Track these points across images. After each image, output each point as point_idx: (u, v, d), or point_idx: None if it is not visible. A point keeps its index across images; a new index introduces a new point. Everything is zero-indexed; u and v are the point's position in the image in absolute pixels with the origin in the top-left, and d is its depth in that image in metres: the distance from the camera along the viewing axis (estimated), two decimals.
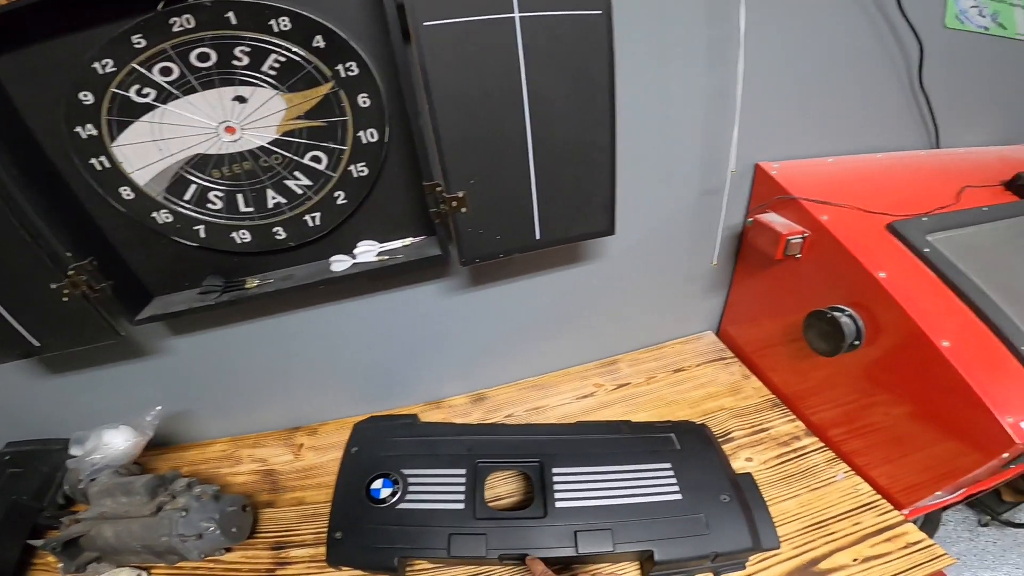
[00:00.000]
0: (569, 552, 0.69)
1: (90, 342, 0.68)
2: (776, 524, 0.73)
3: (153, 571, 0.82)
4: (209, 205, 0.68)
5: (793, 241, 0.89)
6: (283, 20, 0.59)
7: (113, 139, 0.62)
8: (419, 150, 0.67)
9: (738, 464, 0.85)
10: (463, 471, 0.79)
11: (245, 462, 1.03)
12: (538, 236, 0.77)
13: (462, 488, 0.77)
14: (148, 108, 0.61)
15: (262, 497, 0.95)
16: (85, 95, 0.59)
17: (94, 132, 0.61)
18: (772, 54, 0.84)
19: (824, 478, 0.83)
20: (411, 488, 0.78)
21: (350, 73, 0.64)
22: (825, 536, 0.75)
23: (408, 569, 0.78)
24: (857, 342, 0.82)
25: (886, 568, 0.70)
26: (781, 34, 0.84)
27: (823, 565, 0.71)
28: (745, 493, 0.75)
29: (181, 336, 0.88)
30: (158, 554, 0.81)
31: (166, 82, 0.60)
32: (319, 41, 0.62)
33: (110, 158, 0.63)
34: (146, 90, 0.60)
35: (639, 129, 0.82)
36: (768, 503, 0.74)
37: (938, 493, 0.80)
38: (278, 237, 0.73)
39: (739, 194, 0.96)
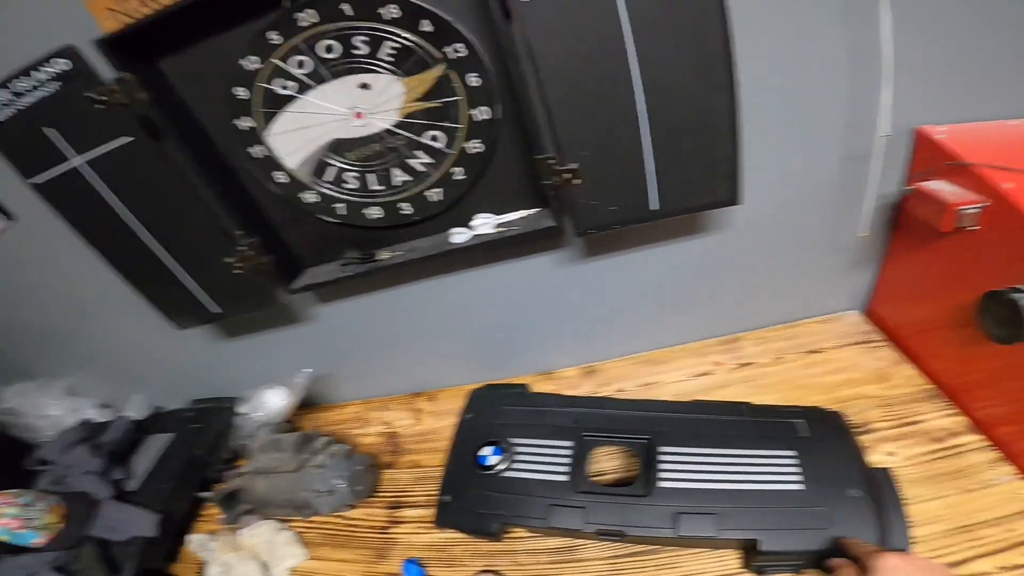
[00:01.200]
0: (668, 534, 0.68)
1: (256, 308, 0.81)
2: (915, 526, 0.65)
3: (292, 524, 0.92)
4: (345, 185, 0.76)
5: (966, 212, 0.75)
6: (392, 8, 0.62)
7: (266, 128, 0.71)
8: (530, 125, 0.67)
9: (875, 459, 0.76)
10: (569, 443, 0.80)
11: (373, 424, 1.12)
12: (654, 206, 0.73)
13: (567, 460, 0.78)
14: (291, 99, 0.69)
15: (384, 458, 1.03)
16: (238, 90, 0.68)
17: (251, 124, 0.70)
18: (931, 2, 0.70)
19: (983, 480, 0.71)
20: (517, 457, 0.80)
21: (459, 54, 0.66)
22: (970, 541, 0.65)
23: (505, 536, 0.81)
24: None
25: None
26: None
27: (960, 571, 0.62)
28: (880, 489, 0.67)
29: (325, 305, 0.99)
30: (297, 507, 0.92)
31: (302, 74, 0.67)
32: (426, 25, 0.64)
33: (266, 146, 0.72)
34: (287, 83, 0.68)
35: (769, 92, 0.73)
36: (908, 502, 0.66)
37: None
38: (404, 212, 0.79)
39: (893, 161, 0.83)
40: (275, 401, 1.02)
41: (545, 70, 0.62)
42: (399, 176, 0.76)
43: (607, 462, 0.85)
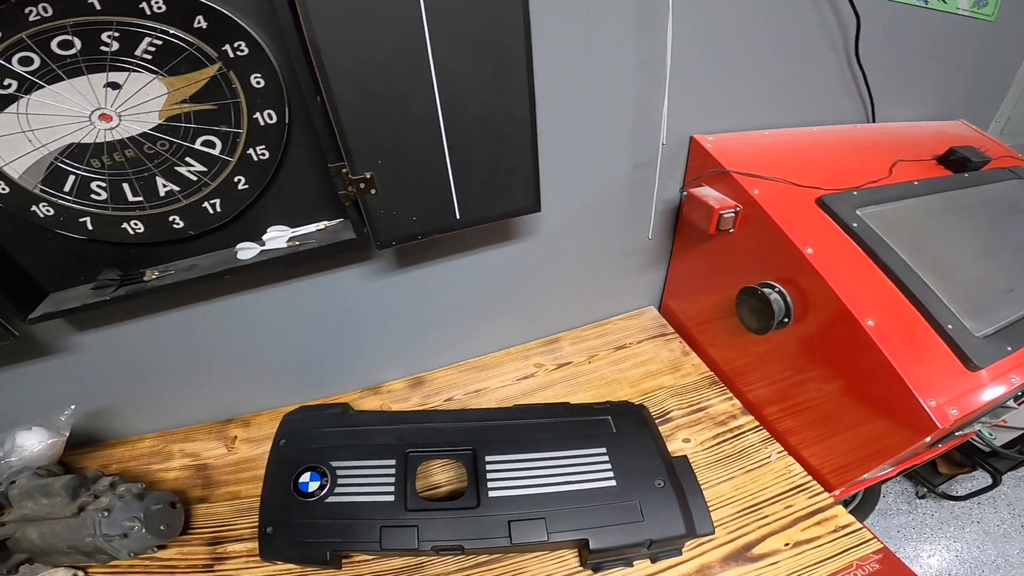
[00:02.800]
0: (503, 543, 0.68)
1: None
2: (712, 508, 0.73)
3: (91, 570, 0.80)
4: (93, 196, 0.63)
5: (726, 215, 0.88)
6: (156, 2, 0.54)
7: None
8: (321, 131, 0.63)
9: (675, 446, 0.85)
10: (392, 461, 0.76)
11: (176, 457, 0.99)
12: (458, 216, 0.73)
13: (392, 479, 0.75)
14: (12, 99, 0.56)
15: (195, 492, 0.92)
16: None
17: None
18: (704, 24, 0.81)
19: (759, 459, 0.84)
20: (340, 481, 0.75)
21: (239, 53, 0.59)
22: (758, 520, 0.76)
23: (347, 561, 0.77)
24: (787, 319, 0.82)
25: (816, 553, 0.72)
26: (714, 1, 0.81)
27: (756, 550, 0.73)
28: (680, 477, 0.75)
29: (88, 332, 0.83)
30: (86, 554, 0.78)
31: (27, 72, 0.54)
32: (200, 22, 0.56)
33: None
34: (7, 81, 0.55)
35: (564, 101, 0.79)
36: (704, 486, 0.75)
37: (865, 476, 0.81)
38: (176, 226, 0.68)
39: (675, 168, 0.94)
40: (32, 443, 0.85)
41: (333, 71, 0.58)
42: (165, 186, 0.65)
43: (440, 474, 0.84)
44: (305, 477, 0.76)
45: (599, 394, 0.95)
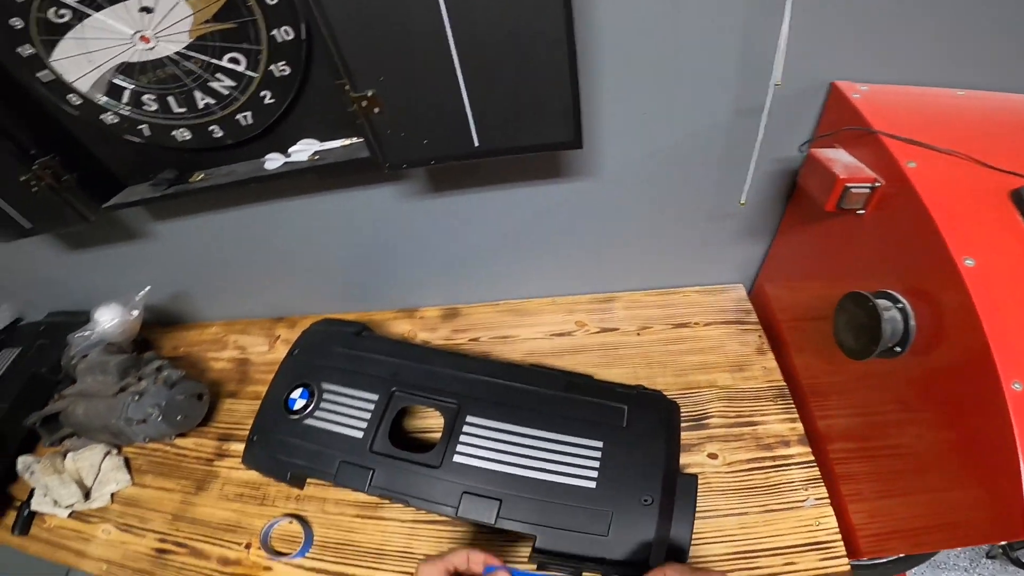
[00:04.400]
0: (449, 512, 0.65)
1: (67, 225, 0.78)
2: (702, 542, 0.63)
3: (125, 450, 0.92)
4: (145, 107, 0.70)
5: (854, 190, 0.63)
6: None
7: (49, 55, 0.65)
8: (327, 46, 0.58)
9: (695, 460, 0.72)
10: (376, 397, 0.76)
11: (229, 348, 1.09)
12: (476, 143, 0.64)
13: (368, 415, 0.74)
14: (69, 26, 0.63)
15: (229, 387, 1.00)
16: (15, 21, 0.62)
17: (32, 51, 0.65)
18: None
19: (790, 500, 0.67)
20: (323, 404, 0.76)
21: None
22: (746, 570, 0.62)
23: (313, 482, 0.81)
24: (899, 348, 0.58)
25: None
26: None
27: None
28: (676, 499, 0.62)
29: (161, 222, 0.93)
30: (114, 434, 0.88)
31: (75, 3, 0.61)
32: None
33: (52, 71, 0.67)
34: (62, 11, 0.62)
35: (633, 19, 0.60)
36: (705, 515, 0.63)
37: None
38: (216, 136, 0.73)
39: (800, 121, 0.69)
40: (106, 318, 0.98)
41: None
42: (203, 99, 0.69)
43: (433, 420, 0.83)
44: (296, 393, 0.78)
45: (634, 375, 0.82)
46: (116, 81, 0.68)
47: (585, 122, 0.61)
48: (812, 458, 0.70)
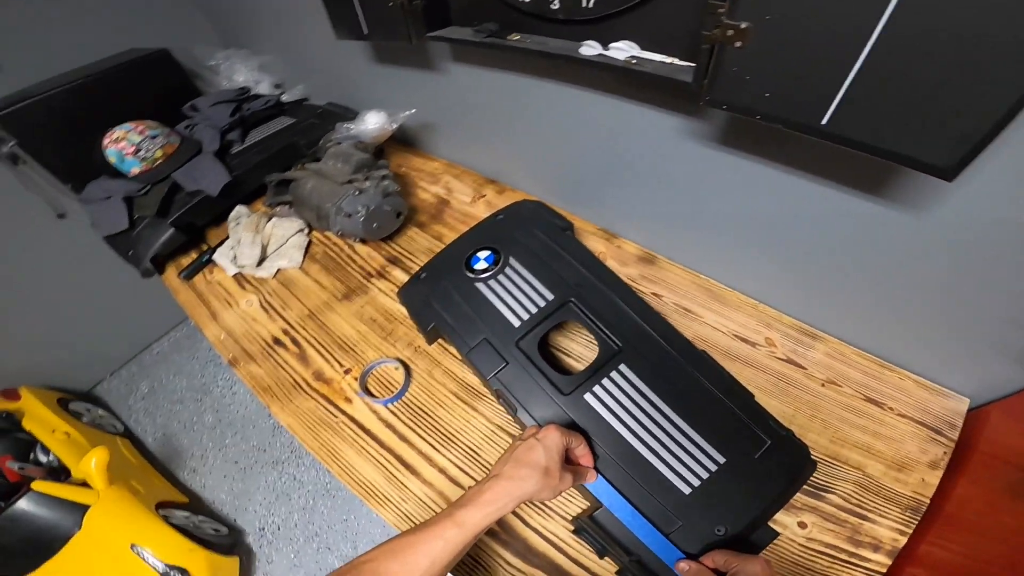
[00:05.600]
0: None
1: (393, 38, 0.85)
2: None
3: (314, 235, 1.02)
4: None
5: None
6: None
7: None
8: None
9: (786, 519, 0.66)
10: (552, 297, 0.74)
11: (439, 185, 1.17)
12: (823, 121, 0.53)
13: (535, 310, 0.73)
14: None
15: (420, 217, 1.08)
16: None
17: None
18: None
19: None
20: (501, 277, 0.76)
21: None
22: None
23: (442, 342, 0.82)
24: None
25: None
26: None
27: None
28: (743, 544, 0.59)
29: (460, 64, 0.97)
30: (320, 217, 0.97)
31: None
32: None
33: None
34: None
35: None
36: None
37: None
38: (552, 6, 0.71)
39: None
40: (370, 120, 1.09)
41: None
42: None
43: (575, 342, 0.82)
44: (483, 254, 0.79)
45: (792, 418, 0.74)
46: None
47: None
48: (884, 570, 0.61)
